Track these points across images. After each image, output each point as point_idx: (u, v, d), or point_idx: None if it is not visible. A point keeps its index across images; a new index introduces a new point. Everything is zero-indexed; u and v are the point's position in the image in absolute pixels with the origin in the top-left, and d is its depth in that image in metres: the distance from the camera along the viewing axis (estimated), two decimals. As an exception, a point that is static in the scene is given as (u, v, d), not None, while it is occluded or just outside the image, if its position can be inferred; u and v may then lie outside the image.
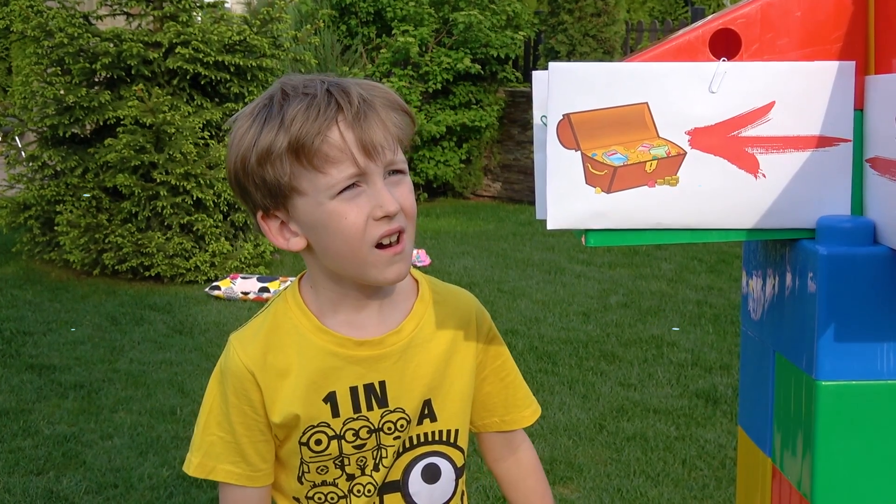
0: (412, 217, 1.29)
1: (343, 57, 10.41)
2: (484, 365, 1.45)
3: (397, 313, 1.38)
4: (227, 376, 1.36)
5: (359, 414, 1.36)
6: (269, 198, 1.28)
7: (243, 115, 1.29)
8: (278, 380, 1.34)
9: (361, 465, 1.38)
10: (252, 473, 1.39)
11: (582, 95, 1.03)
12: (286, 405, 1.34)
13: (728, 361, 4.91)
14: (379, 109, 1.25)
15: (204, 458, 1.40)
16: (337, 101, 1.23)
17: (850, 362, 1.02)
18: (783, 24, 1.04)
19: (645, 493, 3.43)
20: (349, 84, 1.26)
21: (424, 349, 1.38)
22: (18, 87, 6.93)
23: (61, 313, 5.82)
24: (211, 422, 1.39)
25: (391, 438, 1.38)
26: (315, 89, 1.25)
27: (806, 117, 1.04)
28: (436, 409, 1.40)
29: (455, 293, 1.45)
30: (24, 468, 3.65)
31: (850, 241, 1.02)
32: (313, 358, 1.34)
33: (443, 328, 1.40)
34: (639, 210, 1.04)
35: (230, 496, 1.40)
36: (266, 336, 1.36)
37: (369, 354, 1.34)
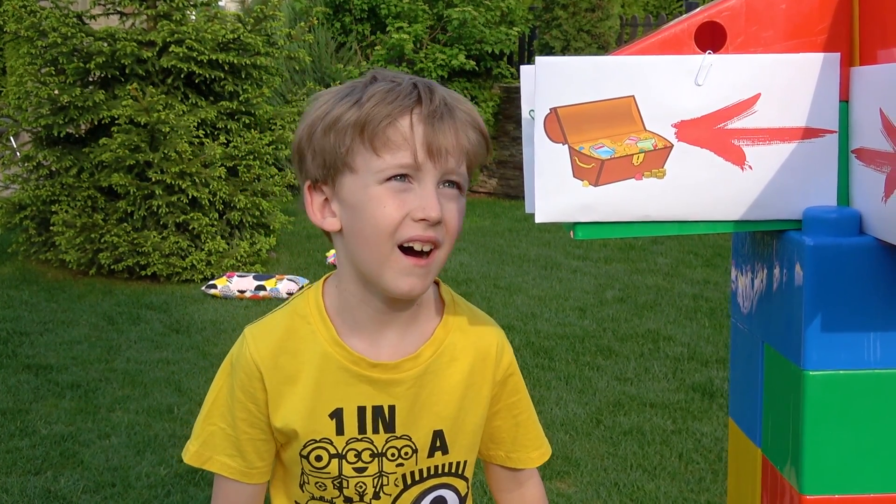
0: (453, 236, 1.25)
1: (338, 54, 10.41)
2: (498, 398, 1.41)
3: (417, 336, 1.33)
4: (236, 370, 1.34)
5: (363, 435, 1.32)
6: (321, 168, 1.27)
7: (328, 91, 1.30)
8: (286, 385, 1.32)
9: (360, 490, 1.35)
10: (248, 469, 1.37)
11: (569, 89, 1.03)
12: (289, 413, 1.32)
13: (724, 355, 4.92)
14: (458, 118, 1.23)
15: (202, 447, 1.38)
16: (419, 94, 1.22)
17: (838, 352, 1.02)
18: (768, 17, 1.05)
19: (642, 487, 3.44)
20: (437, 86, 1.25)
21: (440, 377, 1.34)
22: (13, 87, 6.93)
23: (58, 313, 5.82)
24: (214, 411, 1.37)
25: (394, 465, 1.34)
26: (402, 80, 1.25)
27: (791, 109, 1.05)
28: (448, 441, 1.36)
29: (480, 323, 1.40)
30: (22, 468, 3.65)
31: (836, 231, 1.02)
32: (325, 370, 1.31)
33: (461, 358, 1.35)
34: (626, 203, 1.05)
35: (223, 488, 1.39)
36: (281, 337, 1.33)
37: (382, 377, 1.31)
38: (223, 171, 6.63)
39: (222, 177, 6.63)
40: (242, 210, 6.78)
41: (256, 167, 6.83)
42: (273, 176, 7.10)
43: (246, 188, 6.84)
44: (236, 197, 6.70)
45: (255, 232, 7.04)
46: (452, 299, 1.38)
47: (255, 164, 6.82)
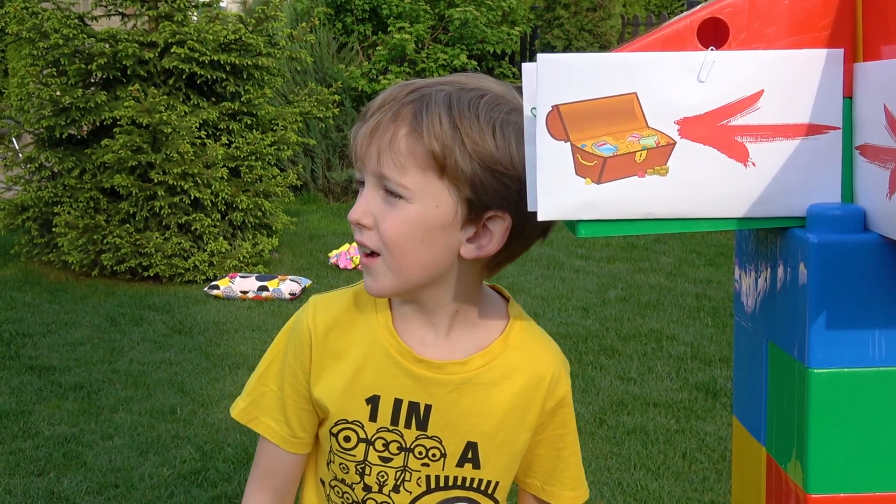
0: (390, 246, 1.23)
1: (339, 55, 10.41)
2: (544, 427, 1.38)
3: (471, 345, 1.32)
4: (292, 336, 1.36)
5: (395, 427, 1.32)
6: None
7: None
8: (330, 359, 1.33)
9: (381, 480, 1.34)
10: (290, 437, 1.37)
11: (571, 86, 1.03)
12: (326, 388, 1.33)
13: (727, 354, 4.92)
14: (384, 119, 1.21)
15: (251, 405, 1.39)
16: (380, 101, 1.24)
17: (842, 350, 1.02)
18: (771, 13, 1.04)
19: (645, 487, 3.44)
20: (403, 89, 1.24)
21: (486, 391, 1.31)
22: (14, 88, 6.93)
23: (60, 314, 5.83)
24: (268, 372, 1.38)
25: (419, 464, 1.33)
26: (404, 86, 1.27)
27: (795, 105, 1.04)
28: (481, 456, 1.33)
29: (542, 348, 1.37)
30: (25, 469, 3.66)
31: (840, 228, 1.02)
32: (372, 355, 1.31)
33: (513, 377, 1.32)
34: (629, 200, 1.04)
35: (266, 452, 1.40)
36: (340, 312, 1.34)
37: (425, 374, 1.30)
38: (225, 171, 6.63)
39: (224, 177, 6.63)
40: (245, 211, 6.78)
41: (258, 168, 6.83)
42: (275, 177, 7.10)
43: (248, 189, 6.84)
44: (238, 198, 6.70)
45: (257, 233, 7.04)
46: (519, 319, 1.36)
47: (257, 164, 6.82)
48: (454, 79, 1.26)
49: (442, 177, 1.20)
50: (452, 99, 1.21)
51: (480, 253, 1.25)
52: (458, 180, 1.20)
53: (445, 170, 1.20)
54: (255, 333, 5.43)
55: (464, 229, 1.24)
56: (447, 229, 1.23)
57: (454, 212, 1.22)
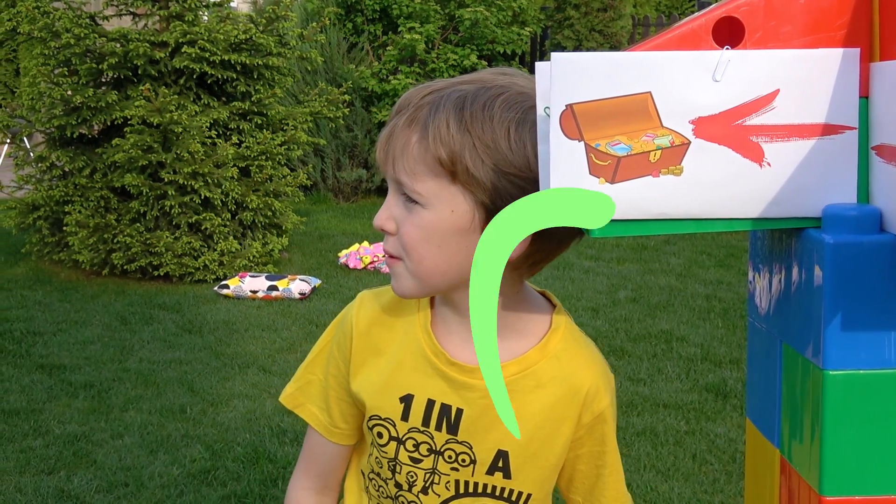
0: (409, 251, 1.22)
1: (349, 55, 10.41)
2: (582, 442, 1.34)
3: (505, 350, 1.27)
4: (339, 328, 1.37)
5: (426, 428, 1.31)
6: None
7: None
8: (370, 354, 1.34)
9: (411, 480, 1.33)
10: (331, 427, 1.39)
11: (585, 85, 1.02)
12: (363, 382, 1.34)
13: (738, 355, 4.90)
14: (427, 131, 1.19)
15: (298, 391, 1.42)
16: (399, 107, 1.24)
17: (857, 351, 1.01)
18: (787, 12, 1.03)
19: (655, 488, 3.43)
20: (419, 92, 1.23)
21: (520, 399, 1.26)
22: (26, 88, 6.97)
23: (71, 313, 5.84)
24: (316, 361, 1.41)
25: (448, 467, 1.32)
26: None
27: (811, 105, 1.03)
28: (512, 466, 1.31)
29: (582, 359, 1.32)
30: (36, 468, 3.66)
31: (856, 229, 1.01)
32: (410, 353, 1.31)
33: (548, 387, 1.29)
34: (643, 200, 1.03)
35: (311, 439, 1.43)
36: (384, 308, 1.35)
37: (456, 377, 1.29)
38: (235, 171, 6.64)
39: (234, 177, 6.64)
40: (255, 210, 6.79)
41: (269, 167, 6.84)
42: (285, 176, 7.11)
43: (258, 188, 6.85)
44: (248, 197, 6.71)
45: (267, 232, 7.05)
46: (563, 327, 1.32)
47: (267, 164, 6.83)
48: (478, 76, 1.24)
49: (454, 182, 1.18)
50: (467, 100, 1.19)
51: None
52: (471, 185, 1.18)
53: (456, 175, 1.18)
54: (264, 333, 5.43)
55: None
56: (465, 234, 1.21)
57: (471, 216, 1.20)
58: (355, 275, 6.74)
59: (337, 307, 5.92)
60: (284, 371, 4.74)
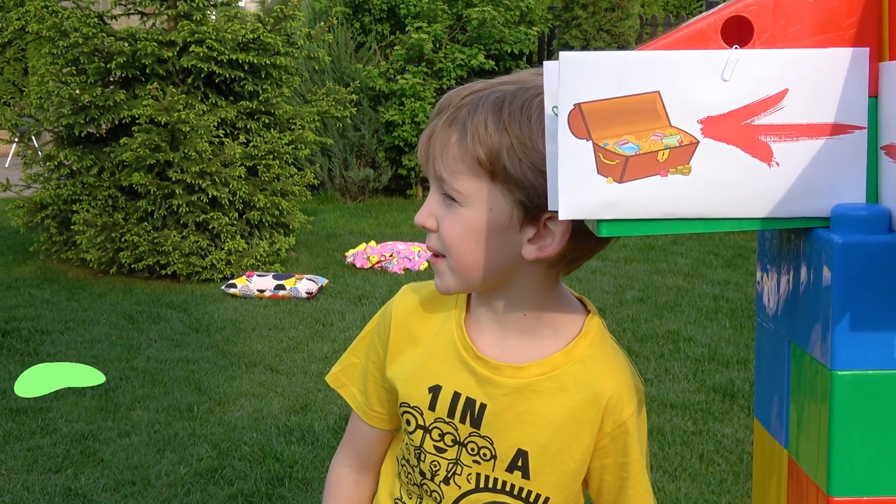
0: (451, 249, 1.25)
1: (357, 54, 10.42)
2: (606, 452, 1.33)
3: (534, 351, 1.30)
4: (382, 317, 1.42)
5: (451, 420, 1.33)
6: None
7: None
8: (407, 343, 1.37)
9: (434, 469, 1.35)
10: (367, 409, 1.44)
11: (593, 85, 1.02)
12: (397, 370, 1.37)
13: (745, 356, 4.90)
14: (467, 131, 1.21)
15: (341, 372, 1.48)
16: (440, 107, 1.27)
17: (866, 351, 1.01)
18: (796, 11, 1.03)
19: (662, 489, 3.42)
20: (459, 92, 1.26)
21: (542, 401, 1.29)
22: (34, 87, 6.98)
23: (78, 312, 5.86)
24: (360, 345, 1.46)
25: (471, 460, 1.33)
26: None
27: (820, 105, 1.03)
28: (531, 467, 1.31)
29: (608, 366, 1.31)
30: (43, 466, 3.67)
31: (865, 229, 1.00)
32: (442, 345, 1.34)
33: (571, 391, 1.29)
34: (651, 200, 1.03)
35: (353, 420, 1.48)
36: (424, 300, 1.38)
37: (483, 372, 1.30)
38: (243, 170, 6.65)
39: (242, 176, 6.65)
40: (262, 209, 6.80)
41: (276, 167, 6.85)
42: (292, 175, 7.12)
43: (265, 188, 6.86)
44: (256, 196, 6.72)
45: (274, 231, 7.05)
46: (594, 332, 1.32)
47: (274, 163, 6.84)
48: (519, 77, 1.25)
49: (493, 181, 1.21)
50: (505, 100, 1.20)
51: (542, 254, 1.23)
52: (509, 184, 1.20)
53: (495, 174, 1.20)
54: (271, 332, 5.44)
55: (523, 230, 1.22)
56: (505, 231, 1.22)
57: (509, 214, 1.21)
58: (362, 274, 6.74)
59: (344, 306, 5.93)
60: (291, 370, 4.74)
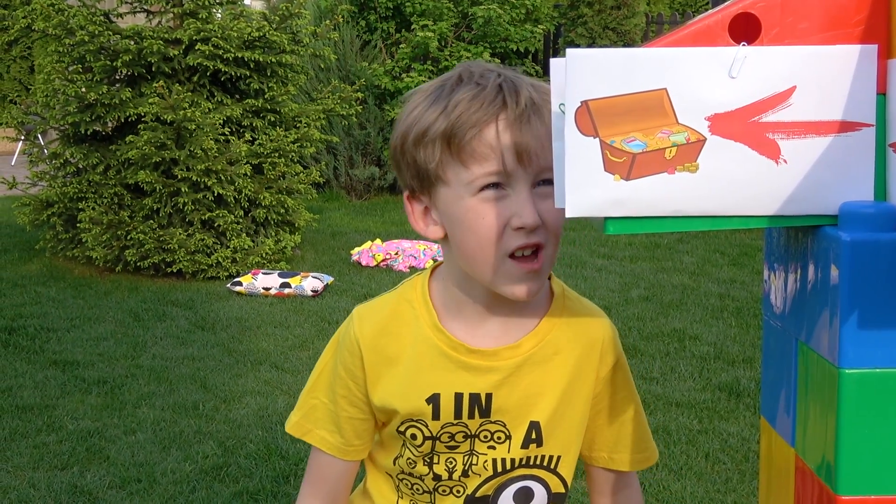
0: (556, 233, 1.25)
1: (362, 52, 10.42)
2: (602, 397, 1.38)
3: (520, 327, 1.32)
4: (340, 347, 1.37)
5: (459, 420, 1.33)
6: (416, 179, 1.27)
7: (419, 90, 1.28)
8: (384, 366, 1.34)
9: (450, 467, 1.35)
10: (345, 447, 1.40)
11: (600, 82, 1.02)
12: (386, 393, 1.33)
13: (751, 354, 4.89)
14: (546, 116, 1.21)
15: (303, 418, 1.42)
16: (504, 98, 1.21)
17: (874, 350, 1.00)
18: (804, 8, 1.03)
19: (668, 487, 3.42)
20: (523, 83, 1.23)
21: (541, 369, 1.32)
22: (40, 85, 6.98)
23: (84, 310, 5.86)
24: (318, 385, 1.40)
25: (485, 447, 1.34)
26: (487, 80, 1.23)
27: (827, 102, 1.03)
28: (544, 434, 1.34)
29: (589, 316, 1.38)
30: (49, 463, 3.68)
31: (873, 226, 1.00)
32: (424, 354, 1.32)
33: (566, 351, 1.33)
34: (658, 197, 1.03)
35: (319, 461, 1.42)
36: (386, 318, 1.35)
37: (480, 364, 1.30)
38: (248, 168, 6.66)
39: (248, 174, 6.66)
40: (267, 207, 6.80)
41: (281, 165, 6.85)
42: (298, 173, 7.12)
43: (271, 186, 6.86)
44: (261, 194, 6.72)
45: (280, 229, 7.06)
46: (562, 291, 1.38)
47: (280, 161, 6.84)
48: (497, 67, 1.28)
49: None
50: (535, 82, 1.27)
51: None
52: None
53: None
54: (277, 330, 5.44)
55: None
56: None
57: None
58: (368, 272, 6.74)
59: (350, 305, 5.92)
60: (297, 368, 4.74)
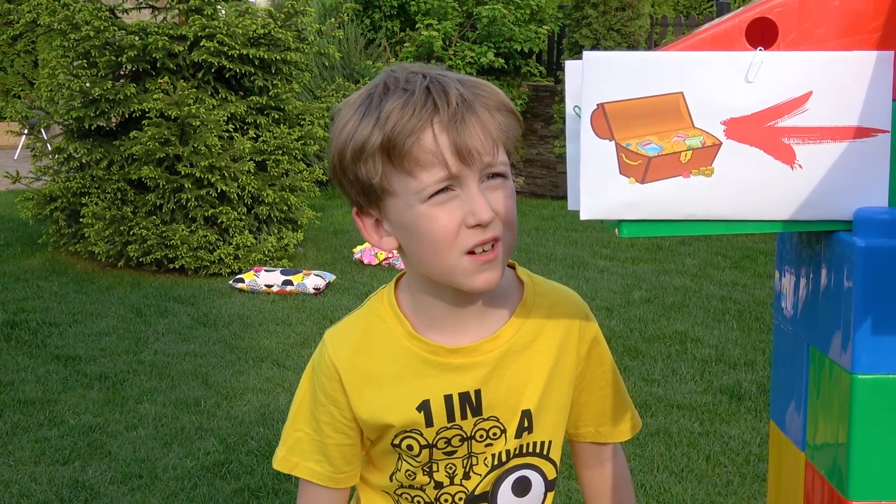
0: (510, 224, 1.24)
1: (367, 51, 10.42)
2: (583, 374, 1.39)
3: (496, 320, 1.32)
4: (317, 374, 1.35)
5: (452, 423, 1.32)
6: (362, 195, 1.26)
7: (347, 104, 1.26)
8: (365, 384, 1.32)
9: (450, 472, 1.35)
10: (335, 475, 1.38)
11: (616, 85, 1.02)
12: (375, 410, 1.32)
13: (752, 357, 4.89)
14: (479, 111, 1.20)
15: (289, 452, 1.39)
16: (434, 101, 1.19)
17: (887, 355, 1.00)
18: (821, 13, 1.03)
19: (668, 489, 3.42)
20: (450, 82, 1.21)
21: (523, 356, 1.32)
22: (45, 79, 6.99)
23: (86, 305, 5.87)
24: (299, 417, 1.38)
25: (482, 446, 1.34)
26: (414, 85, 1.20)
27: (843, 108, 1.03)
28: (534, 420, 1.35)
29: (561, 298, 1.39)
30: (50, 458, 3.68)
31: (887, 232, 1.00)
32: (406, 365, 1.31)
33: (544, 336, 1.34)
34: (673, 201, 1.03)
35: (310, 494, 1.40)
36: (358, 337, 1.34)
37: (463, 362, 1.30)
38: (252, 165, 6.66)
39: (251, 171, 6.66)
40: (270, 205, 6.81)
41: (285, 162, 6.85)
42: (301, 171, 7.12)
43: (274, 183, 6.86)
44: (264, 191, 6.72)
45: (282, 227, 7.06)
46: (530, 279, 1.37)
47: (283, 158, 6.84)
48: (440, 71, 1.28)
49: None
50: (464, 80, 1.26)
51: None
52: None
53: (513, 139, 1.29)
54: (279, 327, 5.45)
55: None
56: None
57: None
58: (370, 271, 6.75)
59: (351, 303, 5.92)
60: (299, 366, 4.74)
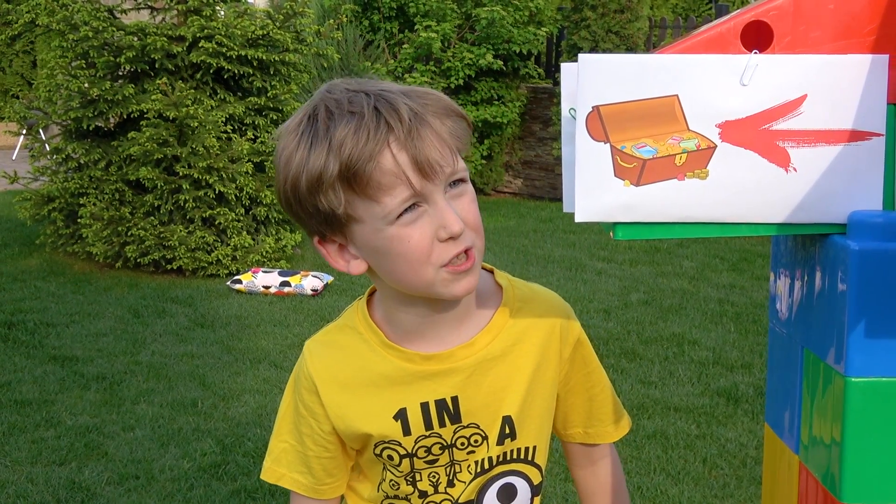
0: (478, 229, 1.21)
1: (365, 52, 10.42)
2: (568, 376, 1.38)
3: (473, 326, 1.30)
4: (297, 385, 1.35)
5: (430, 431, 1.31)
6: (324, 225, 1.22)
7: (287, 131, 1.21)
8: (342, 394, 1.31)
9: (434, 481, 1.34)
10: (317, 486, 1.37)
11: (612, 87, 1.02)
12: (353, 422, 1.31)
13: (750, 360, 4.89)
14: (431, 121, 1.17)
15: (274, 463, 1.39)
16: (386, 121, 1.15)
17: (881, 358, 1.01)
18: (816, 17, 1.03)
19: (665, 492, 3.42)
20: (397, 97, 1.18)
21: (503, 362, 1.31)
22: (43, 80, 6.98)
23: (84, 305, 5.86)
24: (283, 428, 1.38)
25: (464, 454, 1.33)
26: (361, 107, 1.16)
27: (838, 111, 1.03)
28: (517, 426, 1.33)
29: (542, 300, 1.37)
30: (47, 458, 3.68)
31: (881, 236, 1.00)
32: (382, 374, 1.30)
33: (524, 340, 1.32)
34: (668, 203, 1.03)
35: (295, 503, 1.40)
36: (335, 348, 1.34)
37: (438, 369, 1.29)
38: (250, 166, 6.66)
39: (249, 172, 6.66)
40: (268, 206, 6.81)
41: (283, 163, 6.85)
42: (300, 172, 7.11)
43: (272, 184, 6.86)
44: (263, 192, 6.72)
45: (280, 228, 7.06)
46: (510, 283, 1.36)
47: (281, 160, 6.84)
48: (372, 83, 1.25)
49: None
50: (410, 92, 1.23)
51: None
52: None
53: (465, 143, 1.25)
54: (276, 328, 5.44)
55: None
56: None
57: None
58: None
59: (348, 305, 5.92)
60: (296, 367, 4.74)
